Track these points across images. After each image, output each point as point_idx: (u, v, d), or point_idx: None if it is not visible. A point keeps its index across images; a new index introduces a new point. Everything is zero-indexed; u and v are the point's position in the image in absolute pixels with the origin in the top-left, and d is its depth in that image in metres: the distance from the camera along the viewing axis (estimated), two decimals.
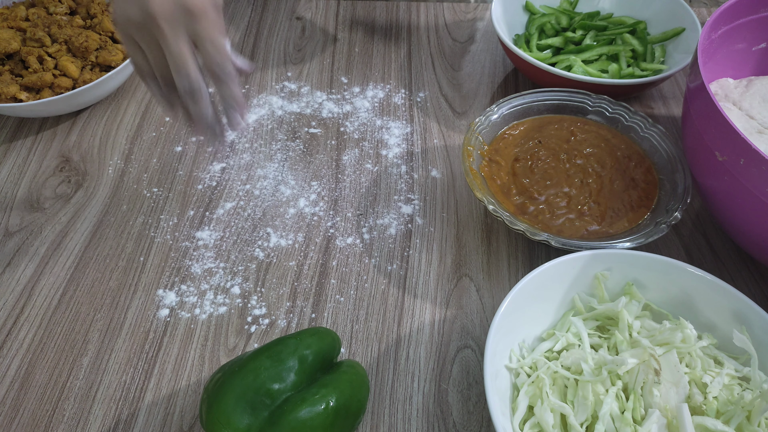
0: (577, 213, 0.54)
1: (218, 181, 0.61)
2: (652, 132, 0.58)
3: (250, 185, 0.61)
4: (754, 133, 0.55)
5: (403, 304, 0.52)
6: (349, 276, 0.54)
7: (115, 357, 0.48)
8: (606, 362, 0.41)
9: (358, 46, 0.77)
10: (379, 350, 0.49)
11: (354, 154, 0.64)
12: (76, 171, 0.62)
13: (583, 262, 0.46)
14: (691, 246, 0.57)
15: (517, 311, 0.44)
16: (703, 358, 0.42)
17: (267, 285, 0.53)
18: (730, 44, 0.60)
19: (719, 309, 0.45)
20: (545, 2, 0.76)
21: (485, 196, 0.52)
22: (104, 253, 0.55)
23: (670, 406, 0.39)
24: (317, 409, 0.38)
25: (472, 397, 0.47)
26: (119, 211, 0.59)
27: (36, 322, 0.50)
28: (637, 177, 0.56)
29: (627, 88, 0.64)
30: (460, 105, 0.70)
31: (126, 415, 0.45)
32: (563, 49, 0.71)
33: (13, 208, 0.59)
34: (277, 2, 0.83)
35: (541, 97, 0.61)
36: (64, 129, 0.66)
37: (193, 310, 0.51)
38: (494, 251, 0.56)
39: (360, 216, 0.58)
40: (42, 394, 0.46)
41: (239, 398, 0.38)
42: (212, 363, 0.48)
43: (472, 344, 0.50)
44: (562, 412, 0.40)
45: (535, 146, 0.59)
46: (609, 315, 0.46)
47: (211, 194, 0.60)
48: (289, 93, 0.71)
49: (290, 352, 0.40)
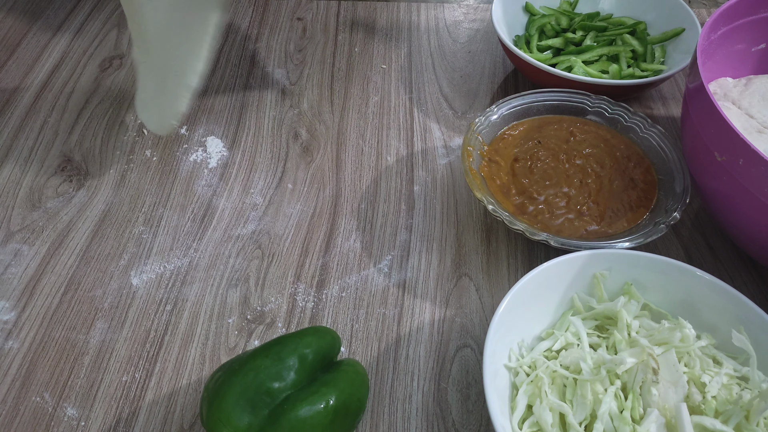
0: (576, 213, 0.54)
1: (218, 181, 0.61)
2: (651, 132, 0.58)
3: (250, 185, 0.61)
4: (754, 133, 0.55)
5: (403, 304, 0.52)
6: (349, 276, 0.54)
7: (116, 356, 0.49)
8: (605, 361, 0.41)
9: (359, 46, 0.77)
10: (378, 349, 0.49)
11: (354, 153, 0.64)
12: (78, 170, 0.62)
13: (582, 262, 0.47)
14: (690, 246, 0.57)
15: (516, 311, 0.44)
16: (702, 358, 0.43)
17: (267, 284, 0.53)
18: (729, 45, 0.61)
19: (718, 309, 0.45)
20: (545, 3, 0.76)
21: (485, 196, 0.53)
22: (106, 253, 0.55)
23: (668, 406, 0.40)
24: (317, 407, 0.38)
25: (471, 396, 0.47)
26: (121, 211, 0.59)
27: (37, 321, 0.51)
28: (637, 177, 0.56)
29: (627, 88, 0.64)
30: (460, 105, 0.70)
31: (127, 413, 0.46)
32: (563, 50, 0.71)
33: (15, 208, 0.59)
34: (278, 3, 0.83)
35: (540, 98, 0.61)
36: (66, 128, 0.66)
37: (194, 309, 0.52)
38: (494, 251, 0.56)
39: (360, 215, 0.59)
40: (43, 393, 0.47)
41: (239, 397, 0.38)
42: (213, 362, 0.48)
43: (472, 343, 0.50)
44: (561, 411, 0.40)
45: (535, 146, 0.59)
46: (608, 315, 0.46)
47: (212, 194, 0.60)
48: (290, 93, 0.71)
49: (290, 351, 0.41)
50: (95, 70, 0.73)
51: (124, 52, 0.76)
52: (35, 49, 0.76)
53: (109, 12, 0.82)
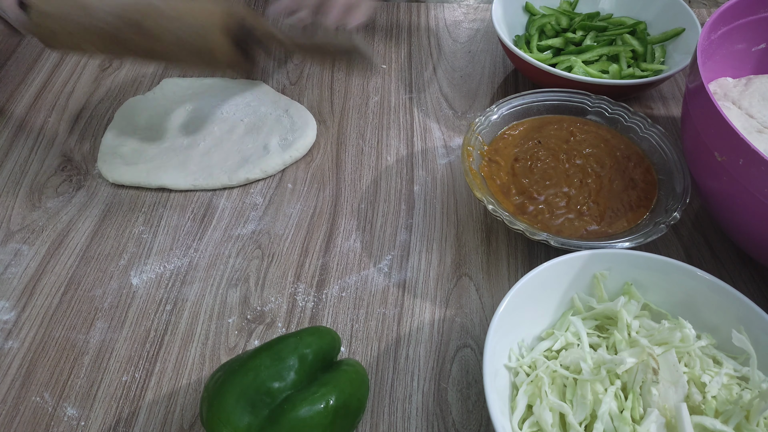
0: (576, 213, 0.54)
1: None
2: (651, 132, 0.58)
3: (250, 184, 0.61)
4: (754, 132, 0.55)
5: (403, 304, 0.52)
6: (349, 275, 0.54)
7: (116, 356, 0.49)
8: (605, 361, 0.41)
9: None
10: (378, 349, 0.49)
11: (354, 153, 0.64)
12: (78, 170, 0.62)
13: (582, 262, 0.47)
14: (690, 246, 0.57)
15: (516, 311, 0.44)
16: (702, 358, 0.43)
17: (267, 284, 0.53)
18: (729, 45, 0.61)
19: (718, 309, 0.45)
20: (545, 3, 0.76)
21: (485, 195, 0.53)
22: (106, 253, 0.55)
23: (668, 406, 0.40)
24: (317, 407, 0.38)
25: (471, 396, 0.47)
26: (120, 211, 0.59)
27: (37, 321, 0.51)
28: (637, 177, 0.56)
29: (627, 88, 0.64)
30: (460, 105, 0.70)
31: (127, 413, 0.46)
32: (563, 50, 0.71)
33: (15, 207, 0.59)
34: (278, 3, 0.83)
35: (540, 98, 0.61)
36: (66, 128, 0.66)
37: (194, 308, 0.52)
38: (494, 251, 0.56)
39: (360, 215, 0.59)
40: (43, 393, 0.47)
41: (239, 397, 0.38)
42: (213, 361, 0.48)
43: (472, 343, 0.50)
44: (561, 411, 0.40)
45: (535, 146, 0.59)
46: (608, 314, 0.46)
47: (212, 194, 0.60)
48: (290, 93, 0.71)
49: (290, 350, 0.41)
50: (95, 70, 0.73)
51: None
52: (35, 49, 0.76)
53: None
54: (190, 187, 0.60)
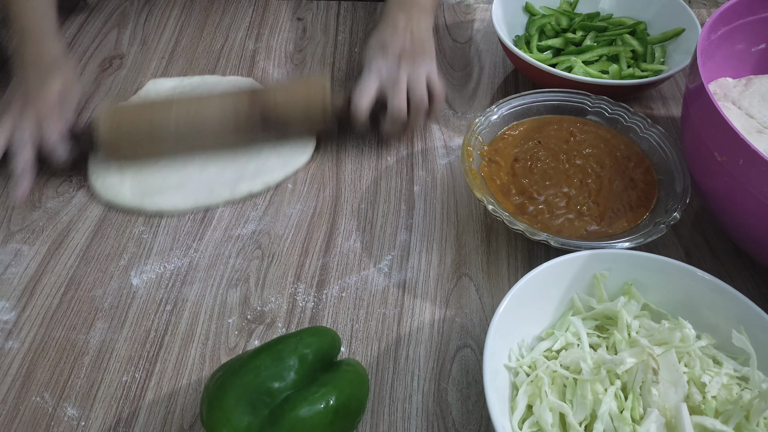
0: (576, 213, 0.54)
1: None
2: (651, 132, 0.58)
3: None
4: (754, 133, 0.55)
5: (403, 304, 0.52)
6: (349, 276, 0.54)
7: (116, 356, 0.49)
8: (605, 361, 0.41)
9: (359, 46, 0.77)
10: (379, 349, 0.49)
11: (354, 153, 0.64)
12: (78, 170, 0.62)
13: (582, 262, 0.47)
14: (690, 246, 0.57)
15: (516, 311, 0.44)
16: (702, 358, 0.43)
17: (267, 284, 0.53)
18: (729, 45, 0.61)
19: (718, 309, 0.45)
20: (545, 3, 0.76)
21: (485, 196, 0.53)
22: (106, 253, 0.55)
23: (668, 406, 0.40)
24: (317, 407, 0.38)
25: (471, 396, 0.47)
26: (120, 211, 0.59)
27: (37, 321, 0.51)
28: (637, 177, 0.56)
29: (627, 88, 0.64)
30: (460, 105, 0.70)
31: (127, 413, 0.46)
32: (563, 50, 0.71)
33: (15, 207, 0.59)
34: (278, 3, 0.83)
35: (540, 98, 0.61)
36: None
37: (194, 309, 0.52)
38: (494, 251, 0.56)
39: (360, 215, 0.59)
40: (43, 393, 0.47)
41: (239, 397, 0.38)
42: (213, 362, 0.48)
43: (472, 343, 0.50)
44: (561, 411, 0.40)
45: (535, 147, 0.59)
46: (608, 315, 0.46)
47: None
48: None
49: (290, 351, 0.41)
50: (95, 70, 0.73)
51: (124, 52, 0.76)
52: None
53: (109, 12, 0.82)
54: (191, 207, 0.58)
